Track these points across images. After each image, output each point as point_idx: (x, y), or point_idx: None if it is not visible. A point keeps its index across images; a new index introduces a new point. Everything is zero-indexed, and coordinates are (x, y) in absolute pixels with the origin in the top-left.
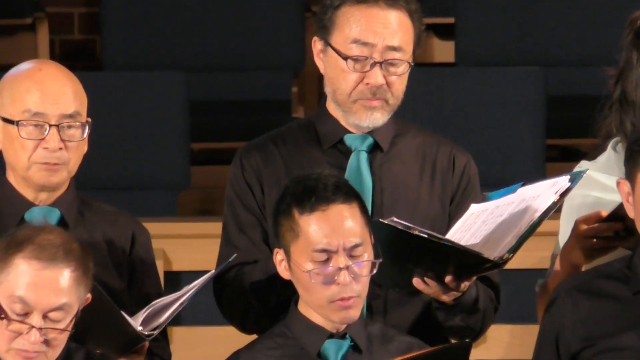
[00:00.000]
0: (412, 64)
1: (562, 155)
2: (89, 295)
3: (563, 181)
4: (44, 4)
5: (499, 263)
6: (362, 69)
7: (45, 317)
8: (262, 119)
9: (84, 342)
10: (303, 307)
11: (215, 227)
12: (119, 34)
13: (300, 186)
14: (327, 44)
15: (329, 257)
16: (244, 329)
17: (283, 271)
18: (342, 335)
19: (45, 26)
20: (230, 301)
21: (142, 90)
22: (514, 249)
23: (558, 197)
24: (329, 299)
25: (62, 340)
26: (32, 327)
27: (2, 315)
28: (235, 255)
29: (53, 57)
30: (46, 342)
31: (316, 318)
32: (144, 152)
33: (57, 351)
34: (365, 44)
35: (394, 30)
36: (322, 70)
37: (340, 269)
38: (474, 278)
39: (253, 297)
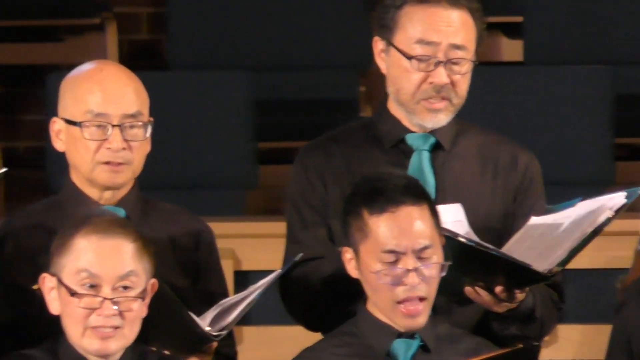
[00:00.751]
0: (476, 62)
1: (632, 154)
2: (155, 281)
3: (619, 197)
4: (112, 4)
5: (548, 276)
6: (426, 69)
7: (114, 288)
8: (329, 118)
9: (152, 342)
10: (372, 306)
11: (282, 227)
12: (185, 34)
13: (370, 186)
14: (390, 43)
15: (398, 259)
16: (308, 325)
17: (352, 270)
18: (411, 335)
19: (113, 26)
20: (295, 297)
21: (208, 90)
22: (564, 262)
23: (613, 213)
24: (395, 299)
25: (137, 315)
26: (104, 298)
27: (72, 293)
28: (301, 254)
29: (120, 56)
30: (121, 315)
31: (385, 317)
32: (211, 151)
33: (134, 329)
34: (429, 43)
35: (457, 29)
36: (383, 70)
37: (408, 270)
38: (527, 290)
39: (317, 293)
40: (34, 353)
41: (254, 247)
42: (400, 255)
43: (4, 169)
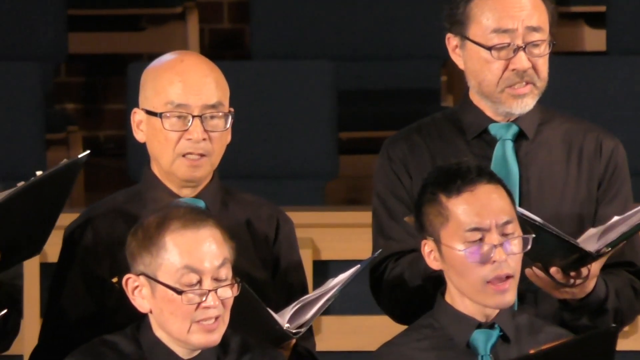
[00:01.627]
0: (553, 42)
1: None
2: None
3: None
4: None
5: (595, 256)
6: (507, 56)
7: (214, 279)
8: (411, 108)
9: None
10: (450, 298)
11: (362, 217)
12: (268, 23)
13: (443, 172)
14: (465, 38)
15: (482, 237)
16: (402, 320)
17: (432, 262)
18: (490, 325)
19: (195, 15)
20: (389, 292)
21: (290, 80)
22: (614, 244)
23: None
24: (485, 278)
25: (232, 299)
26: (209, 291)
27: (177, 291)
28: (380, 250)
29: (202, 46)
30: (223, 304)
31: (464, 308)
32: (293, 141)
33: (228, 313)
34: (505, 31)
35: (530, 11)
36: (460, 66)
37: (494, 246)
38: (586, 274)
39: (412, 288)
40: (117, 339)
41: (334, 237)
42: (484, 233)
43: (86, 152)
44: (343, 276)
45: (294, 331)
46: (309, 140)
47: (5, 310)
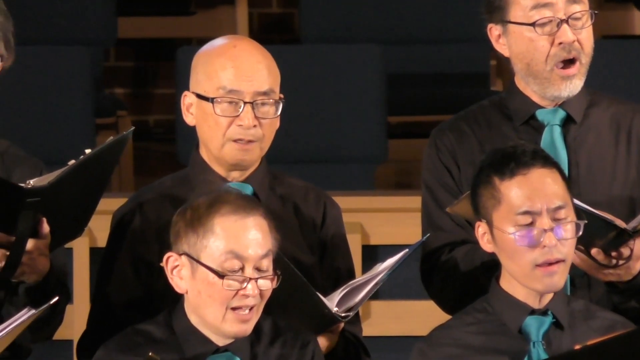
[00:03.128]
0: (595, 12)
1: None
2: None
3: None
4: None
5: (631, 233)
6: (551, 31)
7: (256, 268)
8: (460, 92)
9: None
10: (505, 283)
11: (412, 201)
12: (316, 7)
13: (499, 155)
14: (506, 22)
15: (533, 220)
16: (452, 311)
17: (485, 244)
18: (543, 312)
19: (244, 0)
20: (442, 283)
21: (339, 64)
22: None
23: None
24: (534, 262)
25: (269, 292)
26: (250, 279)
27: (220, 275)
28: (428, 234)
29: (251, 30)
30: (260, 295)
31: (518, 293)
32: (341, 125)
33: (262, 306)
34: (545, 5)
35: None
36: (506, 54)
37: (545, 230)
38: (628, 254)
39: (465, 279)
40: (150, 328)
41: (383, 222)
42: (535, 217)
43: (132, 128)
44: (391, 260)
45: (342, 315)
46: (358, 125)
47: (56, 298)
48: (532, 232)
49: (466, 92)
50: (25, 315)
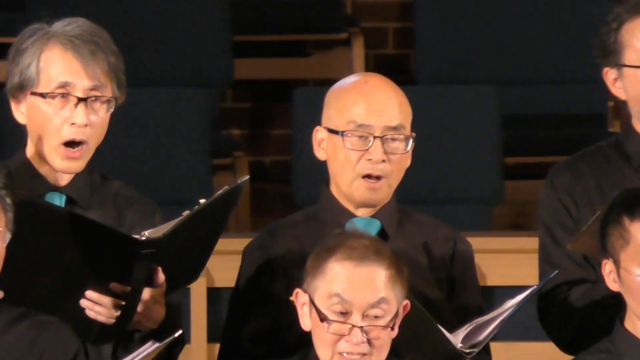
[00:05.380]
0: None
1: None
2: (407, 302)
3: None
4: (359, 19)
5: None
6: None
7: (365, 316)
8: (577, 132)
9: (403, 356)
10: (629, 324)
11: (528, 242)
12: (432, 48)
13: (630, 195)
14: (621, 66)
15: None
16: (569, 349)
17: (611, 283)
18: None
19: (360, 41)
20: (560, 321)
21: (455, 104)
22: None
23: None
24: None
25: (386, 341)
26: (353, 326)
27: (322, 318)
28: (556, 271)
29: (367, 71)
30: (369, 343)
31: None
32: (457, 166)
33: (382, 355)
34: None
35: None
36: (622, 97)
37: None
38: None
39: (584, 318)
40: None
41: (501, 262)
42: None
43: (246, 177)
44: (518, 298)
45: (467, 351)
46: (474, 165)
47: (180, 331)
48: None
49: (583, 133)
50: (149, 349)
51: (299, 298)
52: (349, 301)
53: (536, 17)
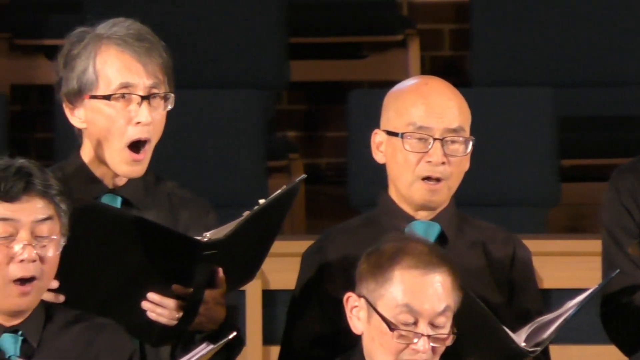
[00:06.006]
0: None
1: None
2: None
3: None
4: (415, 21)
5: None
6: None
7: (431, 324)
8: (634, 135)
9: (466, 356)
10: None
11: (585, 245)
12: (488, 50)
13: None
14: None
15: None
16: (633, 354)
17: None
18: None
19: (416, 43)
20: (623, 326)
21: (511, 107)
22: None
23: None
24: None
25: (442, 348)
26: (422, 335)
27: (392, 328)
28: (617, 271)
29: (423, 73)
30: (433, 351)
31: None
32: (513, 168)
33: (437, 358)
34: None
35: None
36: None
37: None
38: None
39: None
40: None
41: (557, 265)
42: None
43: (302, 176)
44: (580, 297)
45: (530, 349)
46: (530, 168)
47: (234, 333)
48: None
49: None
50: (204, 350)
51: (350, 302)
52: (418, 311)
53: (594, 17)
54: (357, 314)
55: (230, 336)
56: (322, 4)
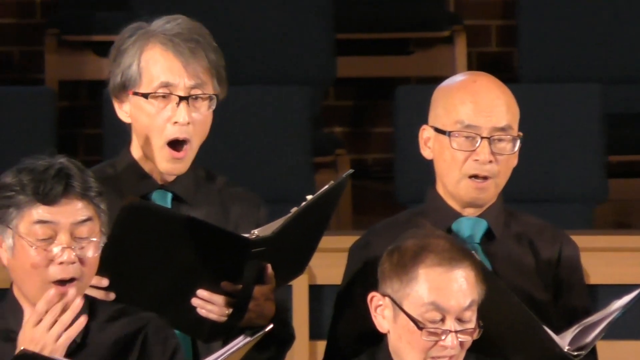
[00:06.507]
0: None
1: None
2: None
3: None
4: (462, 17)
5: None
6: None
7: (458, 320)
8: None
9: (506, 355)
10: None
11: (632, 241)
12: (535, 46)
13: None
14: None
15: None
16: None
17: None
18: None
19: (463, 38)
20: None
21: (558, 103)
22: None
23: None
24: None
25: (470, 342)
26: (450, 331)
27: (420, 326)
28: None
29: (470, 69)
30: (461, 345)
31: None
32: (561, 164)
33: (462, 355)
34: None
35: None
36: None
37: None
38: None
39: None
40: None
41: (604, 261)
42: None
43: (350, 171)
44: (626, 298)
45: (574, 353)
46: (578, 164)
47: (271, 326)
48: None
49: None
50: (241, 342)
51: (374, 302)
52: (445, 308)
53: (632, 14)
54: (381, 312)
55: (267, 329)
56: (369, 0)
